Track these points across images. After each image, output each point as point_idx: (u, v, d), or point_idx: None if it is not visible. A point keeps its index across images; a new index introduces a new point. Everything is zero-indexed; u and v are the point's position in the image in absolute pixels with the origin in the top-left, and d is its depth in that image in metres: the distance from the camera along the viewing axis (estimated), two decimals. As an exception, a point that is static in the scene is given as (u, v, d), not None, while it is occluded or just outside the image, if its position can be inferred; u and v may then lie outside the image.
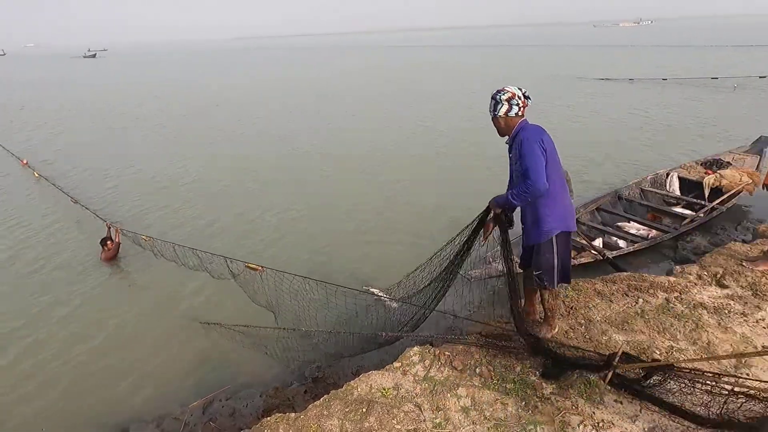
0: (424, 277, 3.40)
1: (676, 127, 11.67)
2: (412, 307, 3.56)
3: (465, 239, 3.07)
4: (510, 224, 2.92)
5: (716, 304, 3.42)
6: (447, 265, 3.22)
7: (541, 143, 2.61)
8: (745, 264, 3.91)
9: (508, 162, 2.90)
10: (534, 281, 2.95)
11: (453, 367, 2.96)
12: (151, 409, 3.66)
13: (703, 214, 5.68)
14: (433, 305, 3.42)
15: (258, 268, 3.81)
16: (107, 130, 14.75)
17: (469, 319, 3.77)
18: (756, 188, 6.04)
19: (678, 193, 6.45)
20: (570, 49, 43.78)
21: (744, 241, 4.73)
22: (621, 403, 2.59)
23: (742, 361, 2.81)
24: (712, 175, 6.23)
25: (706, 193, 6.09)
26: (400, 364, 3.03)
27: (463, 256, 3.14)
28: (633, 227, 5.52)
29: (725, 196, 5.89)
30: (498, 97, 2.74)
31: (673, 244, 5.37)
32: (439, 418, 2.60)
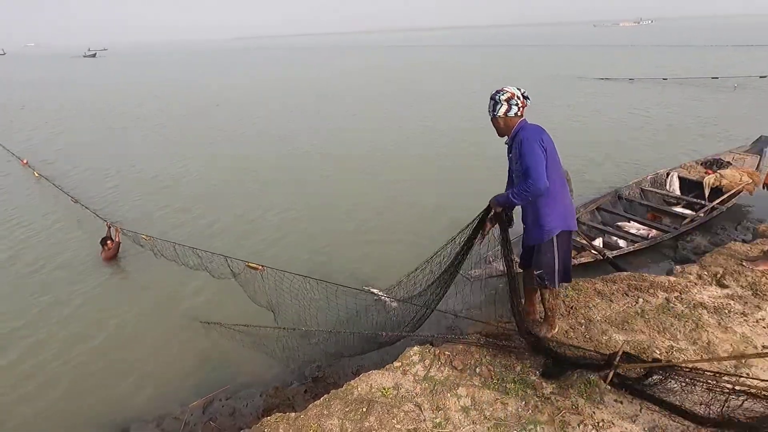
0: (425, 277, 3.40)
1: (677, 126, 11.66)
2: (413, 307, 3.56)
3: (466, 239, 3.07)
4: (510, 223, 2.92)
5: (716, 304, 3.43)
6: (447, 265, 3.22)
7: (541, 142, 2.62)
8: (745, 264, 3.91)
9: (508, 162, 2.90)
10: (535, 281, 2.95)
11: (453, 367, 2.96)
12: (152, 409, 3.67)
13: (703, 214, 5.68)
14: (434, 305, 3.42)
15: (258, 268, 3.81)
16: (107, 130, 14.75)
17: (470, 318, 3.76)
18: (756, 188, 6.04)
19: (678, 192, 6.45)
20: (570, 49, 43.75)
21: (744, 241, 4.73)
22: (621, 402, 2.59)
23: (743, 361, 2.81)
24: (713, 175, 6.23)
25: (707, 192, 6.09)
26: (400, 364, 3.04)
27: (464, 256, 3.14)
28: (633, 227, 5.52)
29: (725, 196, 5.89)
30: (497, 97, 2.74)
31: (673, 243, 5.37)
32: (439, 418, 2.60)
